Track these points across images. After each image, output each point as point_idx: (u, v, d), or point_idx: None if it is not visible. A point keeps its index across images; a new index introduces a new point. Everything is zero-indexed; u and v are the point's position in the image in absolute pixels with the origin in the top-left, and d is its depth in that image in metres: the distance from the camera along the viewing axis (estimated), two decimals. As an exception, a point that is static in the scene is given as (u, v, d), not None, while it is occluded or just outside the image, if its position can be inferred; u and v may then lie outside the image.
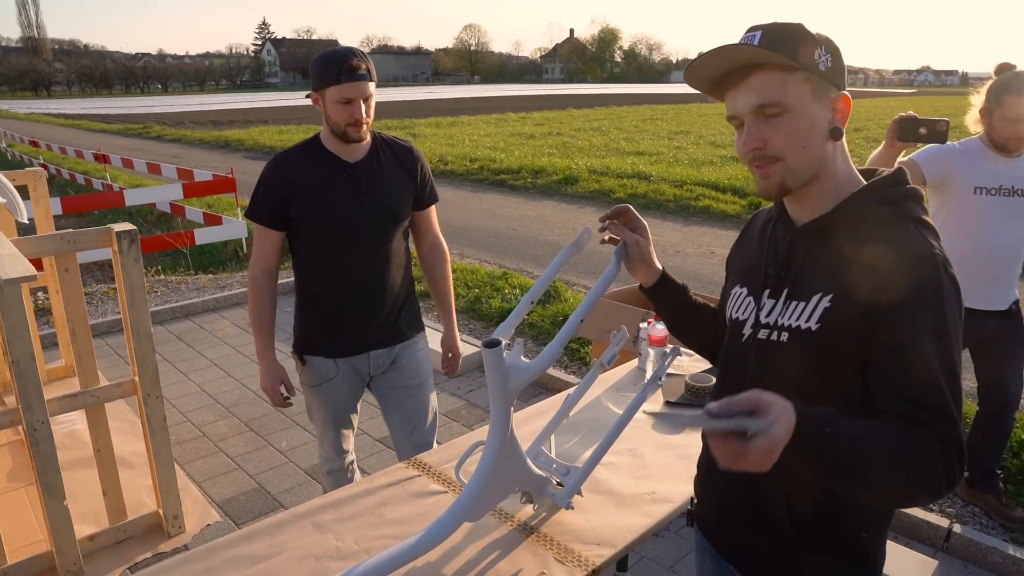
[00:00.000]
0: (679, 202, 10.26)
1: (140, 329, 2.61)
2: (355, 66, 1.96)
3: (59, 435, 3.58)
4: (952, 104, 45.05)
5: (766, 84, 1.05)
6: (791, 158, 1.07)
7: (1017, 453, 3.26)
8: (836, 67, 1.08)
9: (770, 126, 1.06)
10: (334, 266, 2.14)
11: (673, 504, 1.67)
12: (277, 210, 2.10)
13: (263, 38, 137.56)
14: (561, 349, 1.36)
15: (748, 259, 1.28)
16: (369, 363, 2.27)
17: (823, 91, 1.07)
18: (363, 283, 2.17)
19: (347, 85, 1.96)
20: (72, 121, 32.56)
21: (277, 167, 2.10)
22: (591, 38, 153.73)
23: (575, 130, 22.40)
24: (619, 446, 1.92)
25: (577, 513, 1.62)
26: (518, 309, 1.47)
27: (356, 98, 1.98)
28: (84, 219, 9.30)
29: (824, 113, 1.08)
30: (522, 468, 1.51)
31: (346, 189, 2.09)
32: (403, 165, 2.20)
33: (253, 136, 20.92)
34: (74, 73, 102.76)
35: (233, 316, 5.64)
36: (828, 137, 1.09)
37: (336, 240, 2.11)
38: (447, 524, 1.38)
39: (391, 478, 1.77)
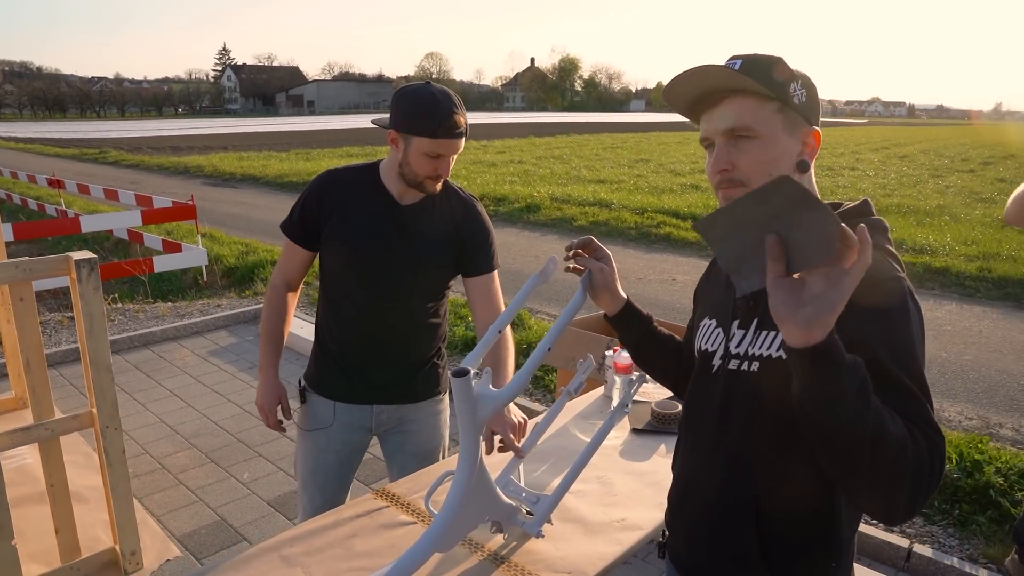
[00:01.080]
0: (640, 230, 10.41)
1: (99, 359, 2.55)
2: (457, 123, 1.77)
3: (7, 470, 3.45)
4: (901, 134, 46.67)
5: (741, 109, 1.07)
6: (755, 184, 1.09)
7: (971, 473, 3.35)
8: (810, 103, 1.11)
9: (739, 150, 1.09)
10: (351, 304, 1.96)
11: (643, 531, 1.69)
12: (311, 230, 1.94)
13: (223, 64, 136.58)
14: (529, 377, 1.37)
15: (717, 291, 1.30)
16: (372, 418, 2.04)
17: (795, 124, 1.10)
18: (375, 332, 1.96)
19: (444, 142, 1.77)
20: (24, 145, 31.81)
21: (325, 186, 1.93)
22: (552, 67, 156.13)
23: (536, 158, 22.62)
24: (587, 473, 1.93)
25: (547, 542, 1.62)
26: (485, 338, 1.48)
27: (447, 155, 1.81)
28: (36, 246, 9.06)
29: (794, 145, 1.10)
30: (492, 497, 1.51)
31: (385, 230, 1.90)
32: (456, 220, 1.97)
33: (213, 162, 20.67)
34: (26, 96, 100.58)
35: (193, 345, 5.54)
36: (795, 169, 1.11)
37: (359, 278, 1.92)
38: (417, 555, 1.37)
39: (359, 509, 1.76)
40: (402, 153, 1.81)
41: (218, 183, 17.28)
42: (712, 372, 1.21)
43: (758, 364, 1.13)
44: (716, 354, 1.21)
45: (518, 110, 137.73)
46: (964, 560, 2.88)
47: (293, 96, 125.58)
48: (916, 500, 0.89)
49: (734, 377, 1.17)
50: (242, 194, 15.05)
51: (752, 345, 1.15)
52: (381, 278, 1.92)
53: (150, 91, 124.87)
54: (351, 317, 1.97)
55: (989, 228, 10.26)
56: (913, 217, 11.35)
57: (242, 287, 7.20)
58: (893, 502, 0.89)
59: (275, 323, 2.01)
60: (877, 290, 1.03)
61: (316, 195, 1.92)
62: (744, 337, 1.17)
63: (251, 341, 5.61)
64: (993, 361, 5.31)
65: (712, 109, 1.10)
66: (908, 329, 1.03)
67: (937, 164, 22.55)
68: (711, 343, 1.24)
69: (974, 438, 3.65)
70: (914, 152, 28.49)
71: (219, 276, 7.52)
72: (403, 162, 1.82)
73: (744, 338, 1.17)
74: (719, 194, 1.13)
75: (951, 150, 30.05)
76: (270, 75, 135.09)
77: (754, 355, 1.14)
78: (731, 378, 1.17)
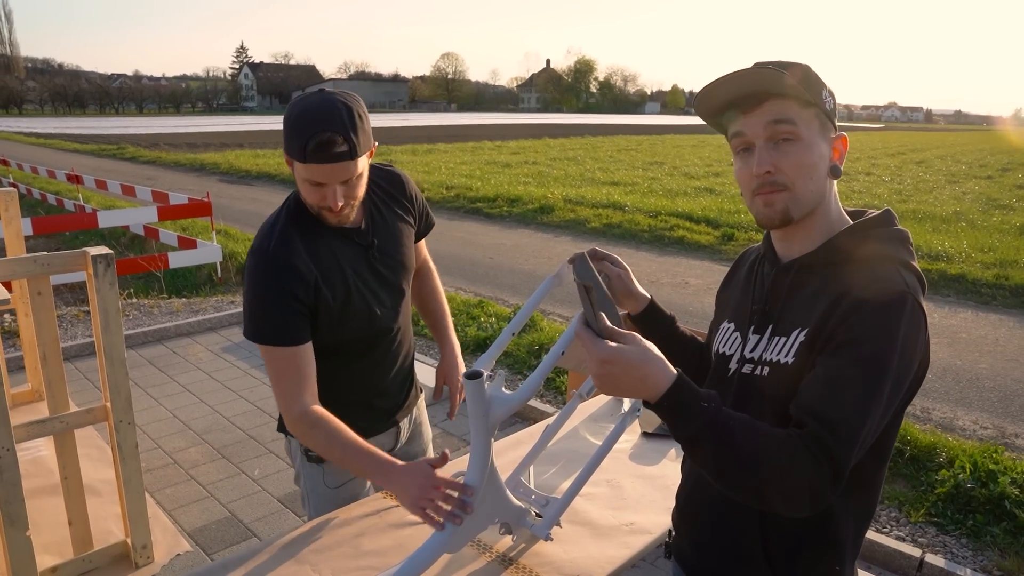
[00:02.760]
0: (653, 232, 10.38)
1: (114, 354, 2.57)
2: (326, 142, 1.43)
3: (23, 462, 3.48)
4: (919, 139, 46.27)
5: (784, 110, 1.07)
6: (799, 187, 1.09)
7: (985, 483, 3.32)
8: (835, 109, 1.14)
9: (781, 152, 1.08)
10: (363, 344, 1.76)
11: (651, 535, 1.68)
12: (306, 308, 1.58)
13: (241, 62, 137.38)
14: (542, 380, 1.37)
15: (736, 295, 1.30)
16: (397, 436, 1.92)
17: (827, 129, 1.11)
18: (389, 349, 1.83)
19: (316, 167, 1.47)
20: (44, 140, 32.16)
21: (287, 269, 1.55)
22: (567, 69, 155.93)
23: (551, 159, 22.61)
24: (597, 477, 1.92)
25: (556, 544, 1.62)
26: (499, 341, 1.48)
27: (329, 183, 1.49)
28: (55, 240, 9.16)
29: (827, 150, 1.12)
30: (502, 499, 1.51)
31: (364, 263, 1.69)
32: (399, 202, 1.81)
33: (229, 159, 20.82)
34: (47, 92, 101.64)
35: (206, 341, 5.57)
36: (829, 174, 1.12)
37: (362, 326, 1.72)
38: (427, 556, 1.38)
39: (368, 508, 1.76)
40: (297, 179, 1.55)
41: (234, 180, 17.39)
42: (728, 375, 1.22)
43: (768, 369, 1.13)
44: (733, 358, 1.22)
45: (533, 111, 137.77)
46: (978, 572, 2.85)
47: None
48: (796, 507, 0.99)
49: (747, 381, 1.17)
50: (257, 191, 15.14)
51: (766, 350, 1.15)
52: (386, 306, 1.77)
53: (168, 88, 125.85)
54: (368, 355, 1.79)
55: (1007, 235, 10.14)
56: (929, 223, 11.25)
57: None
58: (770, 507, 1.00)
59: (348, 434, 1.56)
60: (874, 297, 1.03)
61: (287, 281, 1.55)
62: (759, 342, 1.17)
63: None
64: (1009, 370, 5.26)
65: (751, 111, 1.09)
66: (884, 351, 1.00)
67: (954, 170, 22.35)
68: (728, 347, 1.24)
69: (988, 448, 3.61)
70: (931, 157, 28.23)
71: (233, 273, 7.57)
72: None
73: (759, 343, 1.17)
74: (757, 199, 1.11)
75: (969, 156, 29.77)
76: (287, 73, 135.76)
77: (766, 360, 1.14)
78: (744, 382, 1.18)
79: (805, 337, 1.09)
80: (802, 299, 1.13)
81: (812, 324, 1.08)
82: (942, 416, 4.40)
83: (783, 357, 1.11)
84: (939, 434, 3.93)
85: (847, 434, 0.97)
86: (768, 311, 1.18)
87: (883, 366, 0.99)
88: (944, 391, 4.83)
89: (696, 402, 0.99)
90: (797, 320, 1.12)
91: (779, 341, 1.13)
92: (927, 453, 3.65)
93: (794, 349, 1.10)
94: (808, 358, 1.08)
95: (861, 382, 0.99)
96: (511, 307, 6.33)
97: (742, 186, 1.14)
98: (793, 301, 1.14)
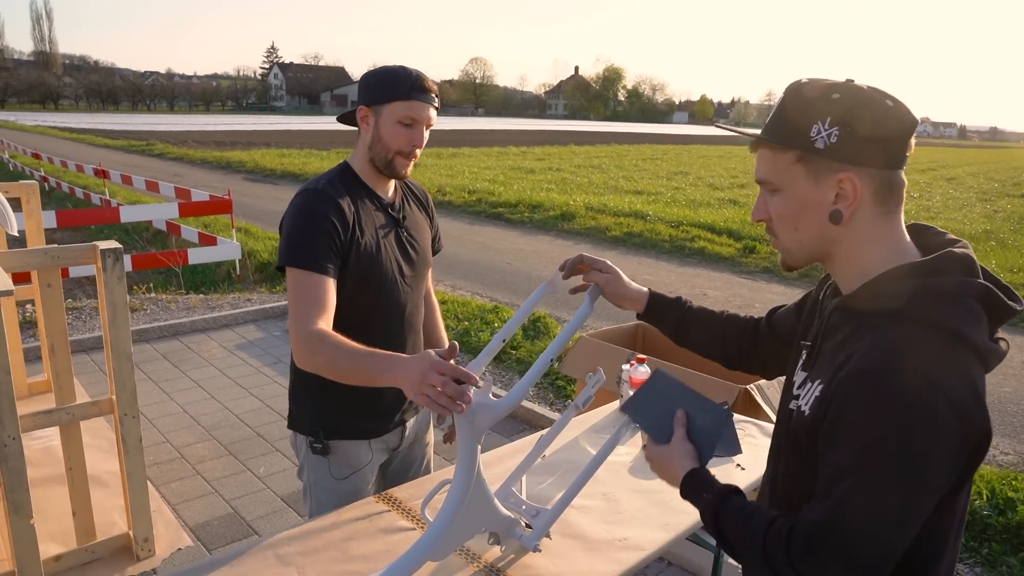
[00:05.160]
0: (674, 242, 10.30)
1: (120, 348, 2.59)
2: (429, 86, 1.69)
3: (34, 451, 3.53)
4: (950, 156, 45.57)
5: (761, 161, 1.05)
6: (784, 238, 1.07)
7: (1003, 511, 3.23)
8: (846, 141, 0.95)
9: (767, 203, 1.07)
10: (380, 322, 1.79)
11: (644, 552, 1.65)
12: (340, 249, 1.67)
13: (271, 62, 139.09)
14: (529, 387, 1.35)
15: (807, 321, 1.20)
16: (402, 437, 1.93)
17: (822, 171, 0.98)
18: (406, 341, 1.87)
19: (416, 103, 1.67)
20: (77, 135, 32.75)
21: (327, 198, 1.67)
22: (595, 76, 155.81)
23: (575, 166, 22.59)
24: (593, 489, 1.89)
25: (545, 556, 1.59)
26: (489, 348, 1.47)
27: (421, 122, 1.70)
28: (81, 233, 9.30)
29: (823, 194, 0.99)
30: (489, 508, 1.49)
31: (396, 234, 1.82)
32: (423, 208, 1.97)
33: (255, 158, 21.05)
34: (82, 88, 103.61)
35: (221, 337, 5.61)
36: (828, 220, 1.00)
37: (383, 292, 1.78)
38: (410, 563, 1.36)
39: (359, 512, 1.74)
40: (372, 129, 1.71)
41: (258, 179, 17.57)
42: (787, 406, 1.14)
43: (796, 413, 1.07)
44: (791, 387, 1.14)
45: (560, 118, 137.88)
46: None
47: (338, 96, 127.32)
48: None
49: (789, 416, 1.10)
50: (281, 190, 15.27)
51: (802, 389, 1.08)
52: (407, 285, 1.84)
53: (199, 87, 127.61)
54: (384, 335, 1.78)
55: (1038, 256, 9.94)
56: (957, 242, 11.04)
57: (274, 282, 7.29)
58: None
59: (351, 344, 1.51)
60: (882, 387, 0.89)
61: (332, 217, 1.66)
62: (804, 380, 1.10)
63: (278, 336, 5.67)
64: (1033, 394, 5.13)
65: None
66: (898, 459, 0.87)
67: (987, 187, 21.97)
68: (792, 374, 1.17)
69: (1008, 474, 3.52)
70: (963, 175, 27.79)
71: (252, 271, 7.62)
72: (374, 140, 1.71)
73: (804, 381, 1.09)
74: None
75: (1003, 173, 29.26)
76: (316, 74, 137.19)
77: (800, 402, 1.07)
78: (786, 416, 1.12)
79: (820, 392, 1.00)
80: (831, 347, 1.05)
81: (828, 379, 0.99)
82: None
83: (804, 404, 1.04)
84: (956, 457, 3.83)
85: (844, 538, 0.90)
86: (813, 350, 1.11)
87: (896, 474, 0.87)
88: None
89: (699, 494, 1.13)
90: (823, 369, 1.03)
91: (812, 386, 1.04)
92: (942, 476, 3.56)
93: (811, 401, 1.02)
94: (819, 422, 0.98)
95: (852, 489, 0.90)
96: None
97: None
98: (827, 345, 1.07)
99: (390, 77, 1.68)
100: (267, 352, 5.30)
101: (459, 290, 7.17)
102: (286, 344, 5.49)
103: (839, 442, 0.92)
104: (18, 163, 16.67)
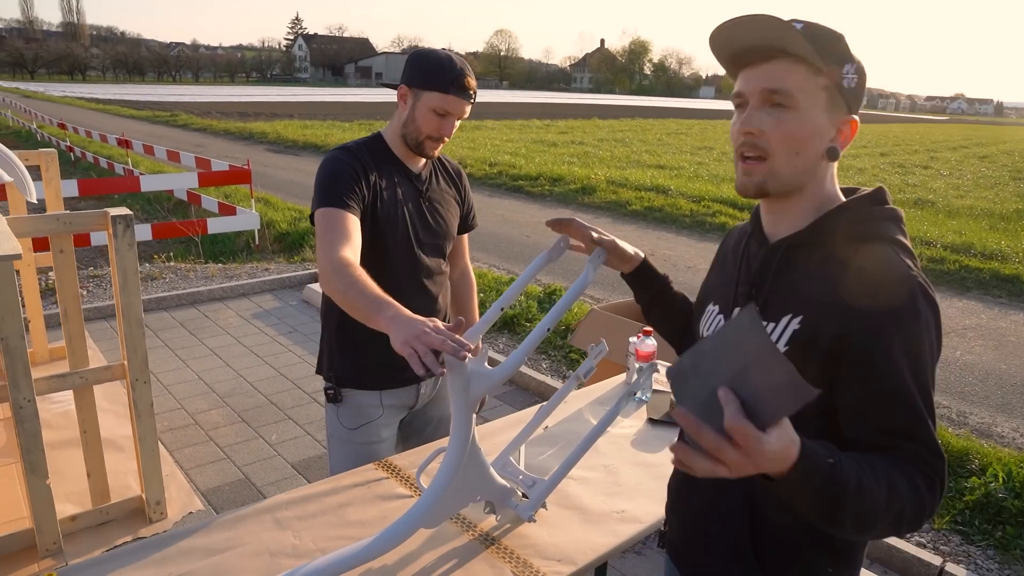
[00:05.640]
0: (695, 217, 10.19)
1: (131, 314, 2.61)
2: (469, 84, 1.78)
3: (54, 414, 3.60)
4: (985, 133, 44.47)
5: (787, 73, 1.00)
6: (779, 159, 1.02)
7: (1019, 494, 3.18)
8: (857, 90, 1.04)
9: (772, 117, 1.01)
10: (392, 280, 1.79)
11: (642, 524, 1.64)
12: (362, 196, 1.77)
13: (295, 33, 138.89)
14: (525, 357, 1.33)
15: (721, 276, 1.25)
16: (417, 395, 2.00)
17: (836, 107, 1.03)
18: (419, 302, 1.87)
19: (454, 99, 1.76)
20: (103, 106, 33.01)
21: (353, 155, 1.80)
22: (622, 49, 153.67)
23: (598, 140, 22.36)
24: (594, 461, 1.88)
25: (541, 527, 1.59)
26: (487, 316, 1.45)
27: (454, 115, 1.80)
28: (105, 202, 9.40)
29: (829, 129, 1.03)
30: (484, 477, 1.48)
31: (416, 202, 1.90)
32: (454, 186, 2.04)
33: (277, 129, 21.08)
34: (109, 59, 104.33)
35: (237, 306, 5.66)
36: (824, 154, 1.04)
37: (398, 250, 1.86)
38: (401, 529, 1.35)
39: (358, 478, 1.75)
40: (409, 109, 1.81)
41: (280, 150, 17.61)
42: None
43: None
44: None
45: (585, 91, 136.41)
46: (1000, 582, 2.73)
47: (362, 67, 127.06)
48: (915, 529, 0.96)
49: None
50: (302, 161, 15.31)
51: None
52: (422, 251, 1.91)
53: (224, 58, 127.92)
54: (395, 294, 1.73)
55: (1070, 236, 9.70)
56: (986, 220, 10.81)
57: (292, 252, 7.33)
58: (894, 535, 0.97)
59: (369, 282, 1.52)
60: (884, 291, 0.98)
61: (353, 166, 1.77)
62: None
63: (294, 306, 5.70)
64: (1057, 376, 5.03)
65: (756, 66, 1.02)
66: (916, 334, 0.97)
67: (1021, 165, 21.42)
68: (711, 329, 1.18)
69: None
70: (996, 152, 27.12)
71: (270, 241, 7.67)
72: (408, 119, 1.82)
73: None
74: (739, 164, 1.06)
75: (1038, 152, 28.51)
76: (340, 46, 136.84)
77: None
78: None
79: (800, 325, 1.03)
80: (791, 282, 1.07)
81: (809, 313, 1.02)
82: (979, 421, 4.23)
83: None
84: (973, 439, 3.78)
85: (935, 441, 0.96)
86: (754, 293, 1.11)
87: (922, 353, 0.98)
88: (984, 395, 4.64)
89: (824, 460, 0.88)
90: (787, 305, 1.06)
91: (767, 326, 1.07)
92: (958, 459, 3.51)
93: (786, 336, 1.04)
94: (810, 352, 1.01)
95: (917, 387, 0.97)
96: (543, 286, 6.28)
97: (733, 144, 1.07)
98: (781, 284, 1.08)
99: (435, 65, 1.77)
100: (282, 321, 5.34)
101: (477, 262, 7.17)
102: (302, 313, 5.53)
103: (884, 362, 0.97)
104: (45, 133, 16.85)
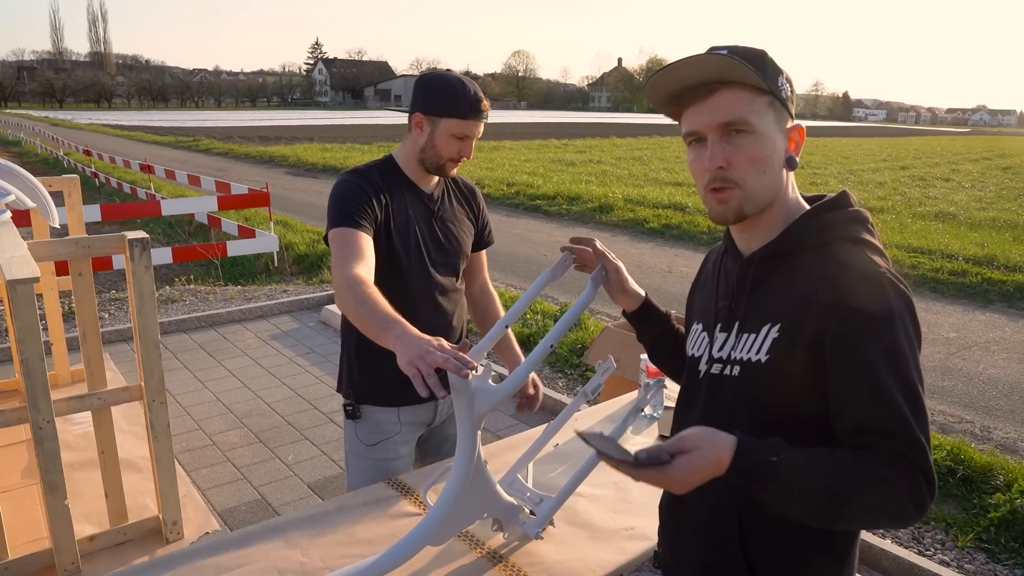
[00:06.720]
0: (713, 234, 10.15)
1: (148, 335, 2.65)
2: (484, 105, 1.83)
3: (74, 435, 3.64)
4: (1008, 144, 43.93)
5: (734, 102, 1.02)
6: (750, 183, 1.04)
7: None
8: (793, 98, 1.08)
9: (734, 146, 1.03)
10: (407, 298, 1.84)
11: (650, 542, 1.62)
12: (374, 216, 1.81)
13: (315, 57, 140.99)
14: (529, 372, 1.34)
15: (702, 295, 1.26)
16: (435, 413, 2.02)
17: (782, 119, 1.06)
18: (436, 324, 1.93)
19: (471, 123, 1.82)
20: (128, 132, 33.67)
21: (365, 177, 1.85)
22: (639, 68, 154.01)
23: (616, 158, 22.40)
24: (603, 478, 1.87)
25: (549, 544, 1.58)
26: (491, 333, 1.46)
27: (473, 137, 1.86)
28: (128, 227, 9.56)
29: (782, 141, 1.07)
30: (491, 494, 1.48)
31: (428, 221, 1.94)
32: (467, 204, 2.08)
33: (297, 153, 21.36)
34: (134, 87, 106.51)
35: (256, 328, 5.72)
36: (784, 165, 1.08)
37: (412, 269, 1.90)
38: (407, 548, 1.36)
39: (368, 497, 1.76)
40: (427, 136, 1.84)
41: (300, 173, 17.83)
42: (698, 378, 1.17)
43: (739, 368, 1.08)
44: (702, 359, 1.16)
45: (603, 110, 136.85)
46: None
47: (381, 90, 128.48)
48: (903, 523, 0.95)
49: (715, 381, 1.12)
50: (322, 184, 15.47)
51: (734, 349, 1.10)
52: (435, 270, 1.94)
53: (245, 83, 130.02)
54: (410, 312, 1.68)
55: (1096, 248, 9.52)
56: (1009, 232, 10.66)
57: (310, 274, 7.40)
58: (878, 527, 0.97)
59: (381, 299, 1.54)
60: (854, 289, 0.99)
61: (365, 187, 1.82)
62: (726, 341, 1.12)
63: (312, 327, 5.75)
64: (1084, 390, 4.92)
65: (701, 102, 1.04)
66: (889, 328, 0.98)
67: (1045, 177, 21.13)
68: (698, 348, 1.19)
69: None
70: (1020, 163, 26.78)
71: (289, 263, 7.75)
72: (427, 146, 1.85)
73: (726, 342, 1.12)
74: (710, 196, 1.07)
75: (1063, 163, 28.08)
76: (360, 69, 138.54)
77: (735, 359, 1.09)
78: (713, 382, 1.13)
79: (779, 333, 1.04)
80: (767, 292, 1.08)
81: (786, 319, 1.04)
82: (1004, 436, 4.15)
83: (754, 355, 1.06)
84: (998, 455, 3.70)
85: (922, 440, 0.95)
86: (734, 307, 1.13)
87: (901, 349, 0.97)
88: (1010, 410, 4.55)
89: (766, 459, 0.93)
90: (766, 315, 1.07)
91: (748, 339, 1.08)
92: (982, 474, 3.45)
93: (766, 346, 1.05)
94: (790, 357, 1.02)
95: (896, 380, 0.96)
96: (559, 304, 6.28)
97: (696, 179, 1.09)
98: (758, 295, 1.09)
99: (449, 92, 1.80)
100: (300, 342, 5.39)
101: (494, 281, 7.11)
102: (319, 334, 5.57)
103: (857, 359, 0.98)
104: (72, 160, 17.22)
